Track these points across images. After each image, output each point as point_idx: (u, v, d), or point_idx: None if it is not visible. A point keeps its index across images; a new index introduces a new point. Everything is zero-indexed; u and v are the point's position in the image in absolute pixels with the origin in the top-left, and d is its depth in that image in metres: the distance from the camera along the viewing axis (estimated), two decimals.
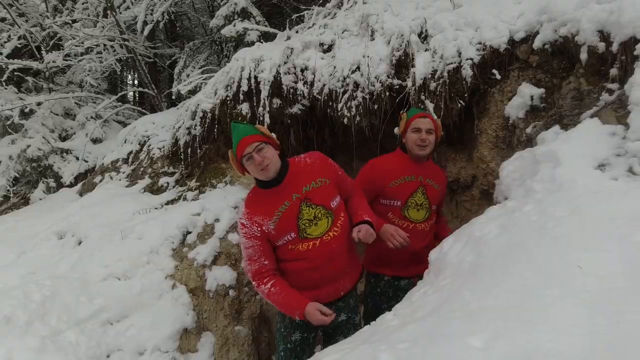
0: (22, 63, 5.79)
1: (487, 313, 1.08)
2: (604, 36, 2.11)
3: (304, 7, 4.20)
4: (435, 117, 2.29)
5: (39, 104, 5.93)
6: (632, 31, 1.91)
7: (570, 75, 2.39)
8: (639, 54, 1.89)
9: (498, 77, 2.70)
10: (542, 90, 2.47)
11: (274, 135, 1.94)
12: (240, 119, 3.63)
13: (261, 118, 3.42)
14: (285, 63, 3.49)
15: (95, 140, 6.23)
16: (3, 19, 6.47)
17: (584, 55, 2.19)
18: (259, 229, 1.83)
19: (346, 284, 1.97)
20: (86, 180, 5.31)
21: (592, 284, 1.08)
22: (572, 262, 1.19)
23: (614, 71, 2.04)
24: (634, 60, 1.91)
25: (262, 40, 4.24)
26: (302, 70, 3.46)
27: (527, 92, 2.49)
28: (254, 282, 1.89)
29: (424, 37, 3.16)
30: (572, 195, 1.56)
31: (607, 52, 2.09)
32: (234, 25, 4.48)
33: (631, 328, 0.90)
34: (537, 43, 2.45)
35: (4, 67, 5.86)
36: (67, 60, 6.07)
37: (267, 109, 3.43)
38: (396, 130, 2.33)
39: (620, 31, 1.97)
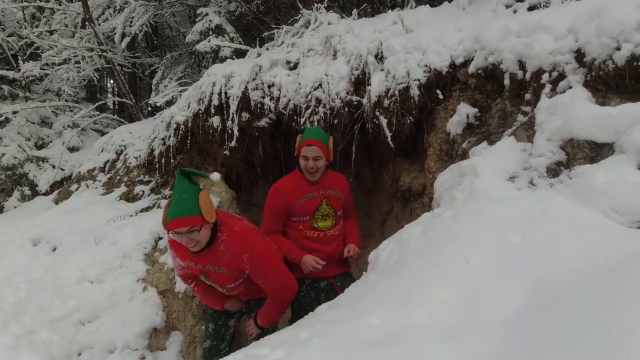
0: None
1: (386, 298, 1.35)
2: (522, 65, 2.44)
3: (274, 26, 4.47)
4: (323, 142, 2.34)
5: (14, 112, 6.01)
6: (539, 63, 2.24)
7: (499, 97, 2.72)
8: (544, 82, 2.22)
9: (441, 96, 3.02)
10: (476, 109, 2.79)
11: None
12: (212, 131, 3.85)
13: (230, 131, 3.66)
14: (253, 79, 3.74)
15: (72, 149, 6.32)
16: None
17: (507, 81, 2.52)
18: None
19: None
20: (62, 188, 5.41)
21: (470, 273, 1.36)
22: (461, 256, 1.47)
23: (528, 96, 2.37)
24: (542, 88, 2.24)
25: (233, 57, 4.48)
26: (269, 87, 3.72)
27: (464, 111, 2.81)
28: None
29: (379, 58, 3.47)
30: (478, 203, 1.85)
31: (524, 79, 2.42)
32: (209, 41, 4.72)
33: (482, 305, 1.18)
34: (471, 68, 2.78)
35: None
36: (44, 69, 6.17)
37: (236, 122, 3.67)
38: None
39: (531, 62, 2.30)
